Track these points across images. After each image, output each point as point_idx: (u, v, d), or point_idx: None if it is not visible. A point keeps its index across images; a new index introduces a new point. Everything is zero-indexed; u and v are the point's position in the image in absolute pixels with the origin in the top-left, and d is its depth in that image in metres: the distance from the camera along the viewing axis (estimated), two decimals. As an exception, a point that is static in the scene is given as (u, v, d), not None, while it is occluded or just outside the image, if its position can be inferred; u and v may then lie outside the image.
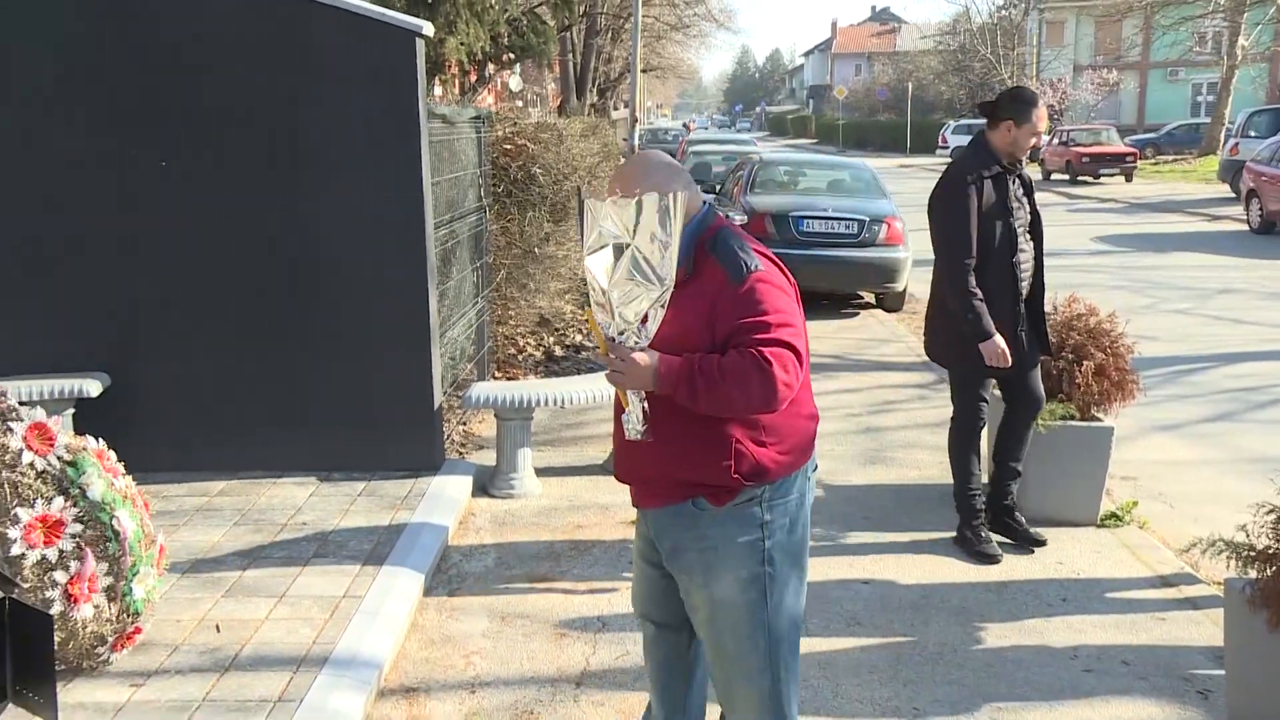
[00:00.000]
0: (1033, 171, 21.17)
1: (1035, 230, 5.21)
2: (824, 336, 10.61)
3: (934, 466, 6.57)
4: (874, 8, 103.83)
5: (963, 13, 55.73)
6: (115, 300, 5.82)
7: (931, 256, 5.25)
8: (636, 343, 2.74)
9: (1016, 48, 50.74)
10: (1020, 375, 5.25)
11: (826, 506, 5.96)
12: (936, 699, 4.00)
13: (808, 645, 4.35)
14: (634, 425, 2.78)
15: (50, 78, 5.66)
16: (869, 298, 12.56)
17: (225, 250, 5.81)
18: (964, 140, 42.61)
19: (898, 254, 11.53)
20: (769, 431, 2.83)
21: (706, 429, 2.79)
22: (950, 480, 5.49)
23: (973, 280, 5.01)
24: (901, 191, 16.37)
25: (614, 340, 2.75)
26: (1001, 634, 4.50)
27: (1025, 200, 5.18)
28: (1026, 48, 51.99)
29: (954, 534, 5.42)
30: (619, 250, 2.69)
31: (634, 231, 2.66)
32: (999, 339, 5.00)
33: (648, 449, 2.82)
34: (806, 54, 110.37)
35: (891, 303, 12.13)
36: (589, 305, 2.84)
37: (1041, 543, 5.33)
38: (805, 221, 11.58)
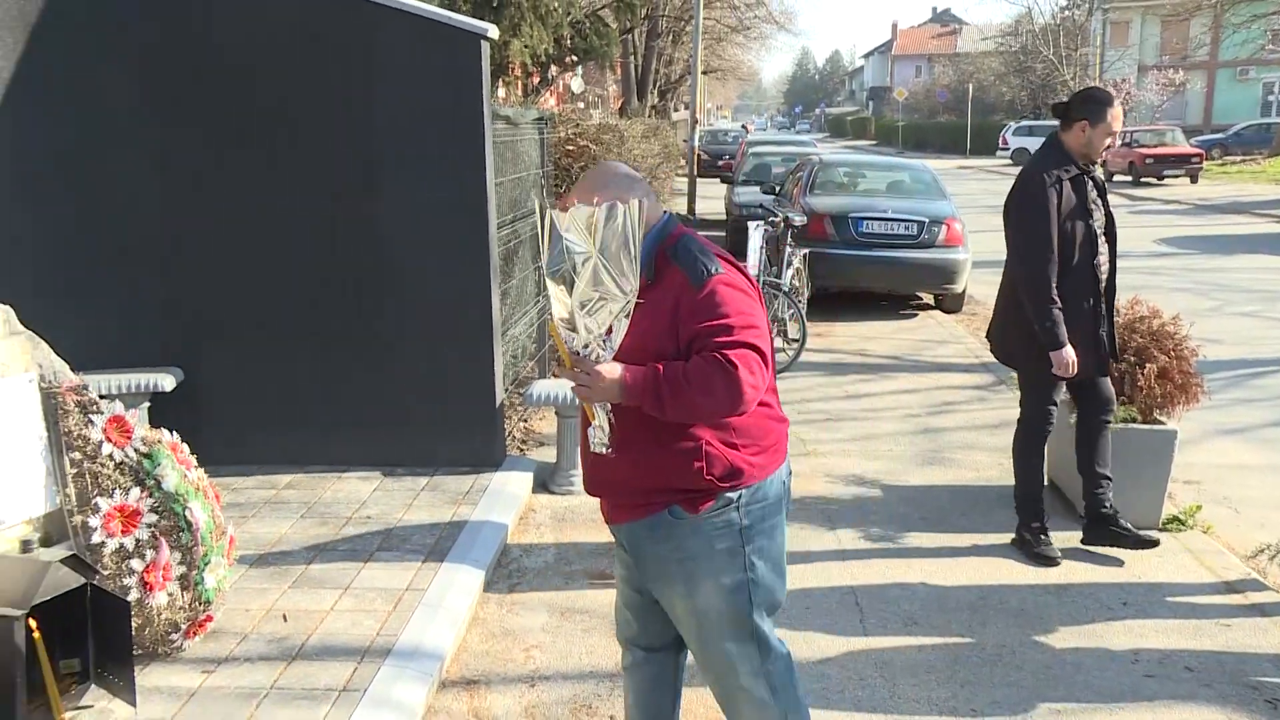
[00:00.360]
0: (1095, 173, 20.78)
1: (1110, 233, 5.13)
2: (881, 337, 10.54)
3: (992, 468, 6.51)
4: (935, 9, 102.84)
5: (1025, 14, 55.07)
6: (189, 298, 5.93)
7: (991, 258, 5.20)
8: (600, 355, 2.68)
9: (1079, 48, 50.03)
10: (1089, 379, 5.19)
11: (883, 507, 5.93)
12: (995, 700, 3.97)
13: (864, 644, 4.36)
14: (600, 438, 2.75)
15: (126, 84, 5.78)
16: (928, 299, 12.46)
17: (295, 250, 5.89)
18: (1024, 142, 42.38)
19: (957, 255, 11.43)
20: (740, 434, 2.79)
21: (675, 436, 2.75)
22: (1009, 482, 5.44)
23: (1053, 286, 4.93)
24: (961, 193, 16.23)
25: (578, 354, 2.69)
26: (1061, 637, 4.45)
27: (1100, 203, 5.10)
28: (1090, 48, 51.25)
29: (1012, 535, 5.36)
30: (582, 261, 2.61)
31: (596, 241, 2.59)
32: (1070, 350, 4.94)
33: (618, 461, 2.78)
34: (866, 56, 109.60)
35: (950, 304, 12.02)
36: (551, 318, 2.76)
37: (1155, 543, 5.17)
38: (864, 223, 11.51)
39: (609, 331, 2.66)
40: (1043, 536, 5.24)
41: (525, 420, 7.26)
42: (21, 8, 5.61)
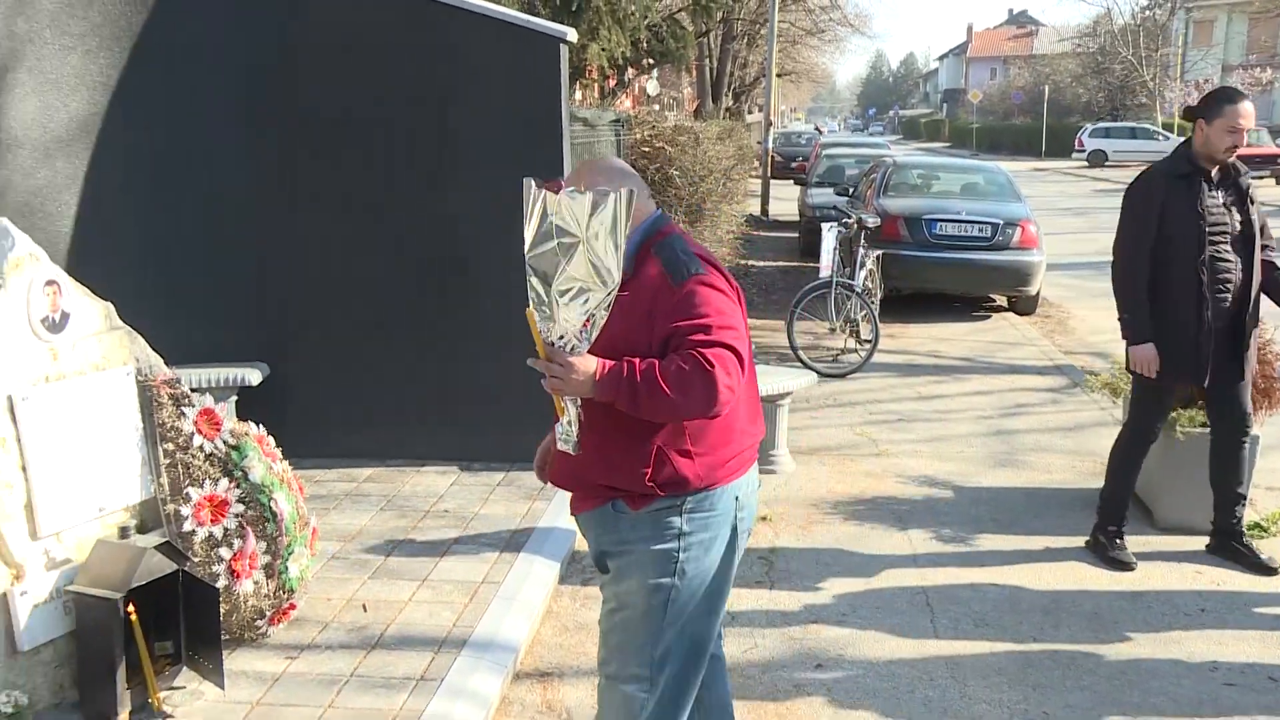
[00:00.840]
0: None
1: (1244, 239, 4.89)
2: (954, 339, 10.42)
3: (1066, 471, 6.40)
4: (1011, 11, 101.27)
5: (1104, 14, 53.89)
6: (276, 297, 6.05)
7: (1066, 260, 5.13)
8: (576, 347, 2.58)
9: (1160, 49, 48.92)
10: (1217, 390, 5.00)
11: (955, 508, 5.86)
12: (1068, 704, 3.90)
13: (934, 644, 4.32)
14: (567, 434, 2.68)
15: (219, 91, 5.90)
16: (1001, 301, 12.29)
17: (377, 248, 5.98)
18: (1100, 144, 41.69)
19: (1031, 257, 11.26)
20: (696, 441, 2.70)
21: (631, 436, 2.68)
22: (1083, 485, 5.35)
23: (1138, 282, 4.86)
24: (1036, 195, 15.97)
25: (553, 345, 2.61)
26: (1136, 643, 4.37)
27: (1234, 209, 4.88)
28: (1171, 48, 50.10)
29: (1086, 539, 5.27)
30: (567, 247, 2.52)
31: (585, 228, 2.49)
32: (1149, 348, 4.84)
33: (576, 455, 2.72)
34: (941, 58, 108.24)
35: (1024, 306, 11.85)
36: (529, 305, 2.65)
37: (1274, 571, 5.01)
38: (938, 224, 11.39)
39: (586, 323, 2.56)
40: (1118, 541, 5.14)
41: (599, 418, 7.28)
42: (127, 22, 5.75)
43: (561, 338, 2.59)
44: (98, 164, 5.75)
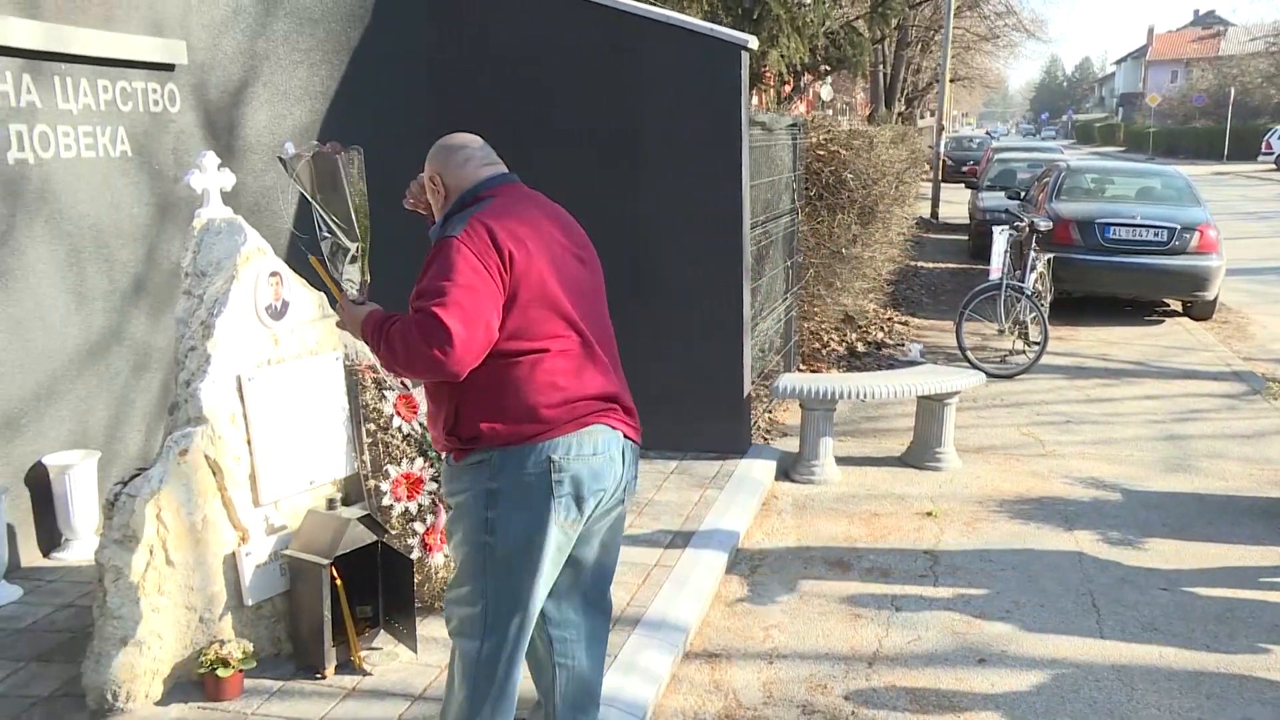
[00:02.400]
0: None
1: None
2: (1125, 342, 9.94)
3: (1243, 478, 6.03)
4: (1196, 12, 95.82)
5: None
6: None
7: (1247, 265, 4.81)
8: (353, 295, 2.83)
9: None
10: None
11: (1123, 510, 5.59)
12: (1246, 717, 3.67)
13: (1100, 645, 4.12)
14: None
15: (424, 98, 6.09)
16: (1175, 305, 11.68)
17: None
18: (1288, 146, 38.92)
19: (1210, 262, 10.65)
20: (496, 399, 2.62)
21: (435, 394, 2.72)
22: (1262, 493, 5.02)
23: None
24: (1216, 199, 15.10)
25: (342, 290, 2.86)
26: (1316, 657, 4.08)
27: None
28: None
29: (1271, 549, 4.95)
30: (317, 210, 2.78)
31: (318, 191, 2.74)
32: None
33: None
34: (1118, 61, 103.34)
35: (1200, 311, 11.22)
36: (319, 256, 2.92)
37: None
38: (1111, 228, 10.88)
39: (355, 276, 2.83)
40: None
41: (770, 411, 7.23)
42: (346, 38, 6.01)
43: (350, 282, 2.88)
44: (316, 166, 6.01)
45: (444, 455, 2.79)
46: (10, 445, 4.49)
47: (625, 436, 2.82)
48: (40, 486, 4.62)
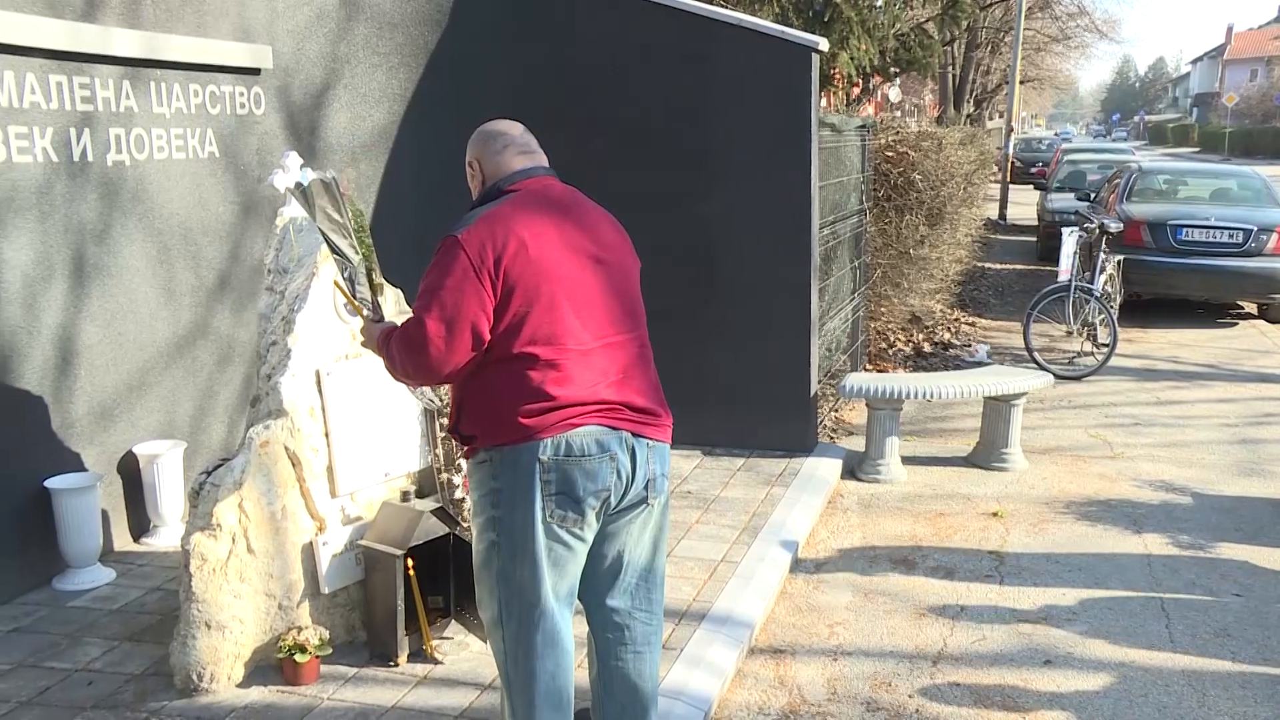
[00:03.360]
0: None
1: None
2: (1197, 345, 9.68)
3: (1320, 485, 5.84)
4: None
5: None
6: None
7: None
8: (367, 314, 2.92)
9: None
10: None
11: (1194, 514, 5.44)
12: (1316, 726, 3.55)
13: (1170, 650, 4.01)
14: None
15: (499, 98, 6.12)
16: (1249, 307, 11.35)
17: (639, 245, 6.04)
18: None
19: (1286, 264, 10.34)
20: (487, 399, 2.65)
21: (452, 393, 2.77)
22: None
23: None
24: (1294, 201, 14.59)
25: (360, 309, 2.95)
26: (1393, 667, 3.93)
27: None
28: None
29: None
30: (325, 232, 2.90)
31: (314, 215, 2.83)
32: None
33: None
34: (1194, 61, 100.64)
35: (1276, 314, 10.89)
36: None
37: None
38: (1184, 230, 10.60)
39: (364, 295, 2.94)
40: None
41: (836, 410, 7.16)
42: (424, 42, 6.06)
43: (364, 301, 2.97)
44: (393, 167, 6.07)
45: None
46: (105, 435, 4.60)
47: (636, 435, 2.74)
48: (131, 474, 4.73)
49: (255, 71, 5.24)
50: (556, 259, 2.65)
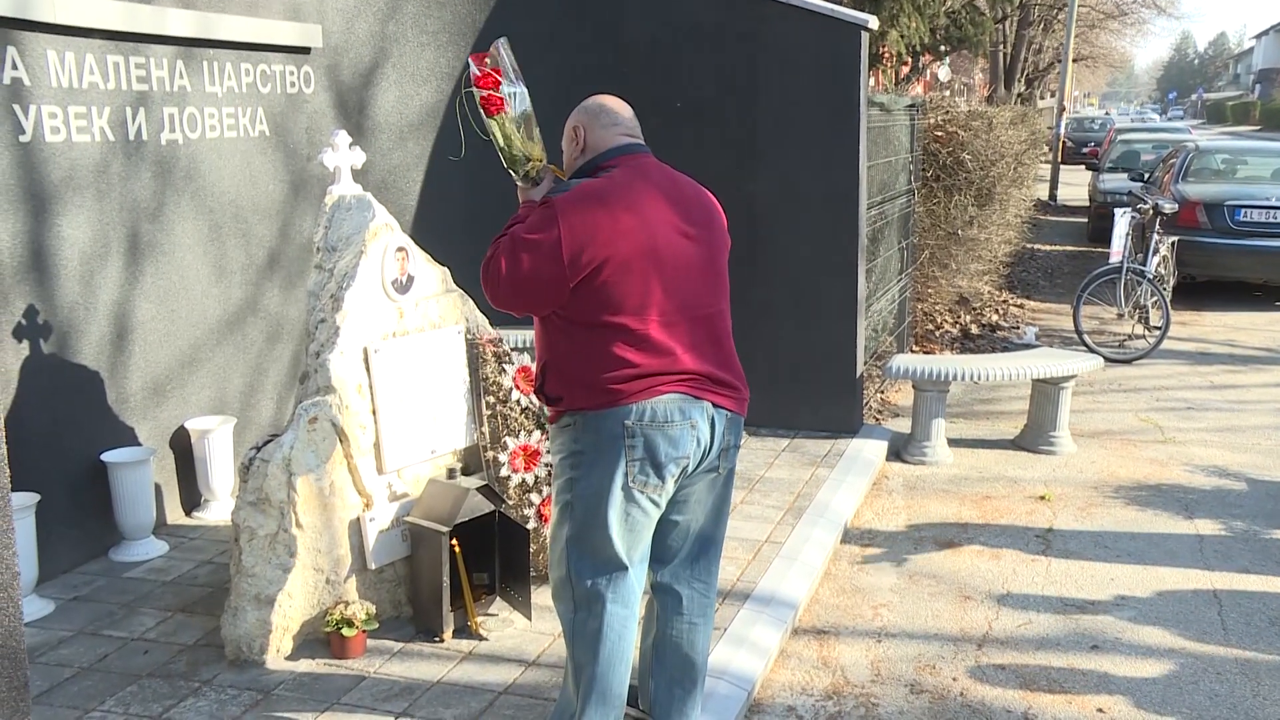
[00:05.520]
0: None
1: None
2: (1253, 329, 9.47)
3: (1378, 472, 5.70)
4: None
5: None
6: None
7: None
8: (521, 178, 2.98)
9: None
10: None
11: (1248, 500, 5.34)
12: (1371, 717, 3.47)
13: (1222, 639, 3.95)
14: None
15: (549, 76, 6.10)
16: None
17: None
18: None
19: (1350, 247, 10.08)
20: (574, 365, 2.72)
21: (538, 352, 2.84)
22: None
23: None
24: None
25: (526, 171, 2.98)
26: None
27: None
28: None
29: None
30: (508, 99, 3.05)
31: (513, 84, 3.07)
32: None
33: None
34: (1259, 35, 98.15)
35: (1337, 297, 10.65)
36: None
37: None
38: (1242, 210, 10.36)
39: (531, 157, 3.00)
40: None
41: (882, 391, 7.10)
42: (473, 20, 6.05)
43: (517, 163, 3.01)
44: (439, 146, 6.08)
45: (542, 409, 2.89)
46: (158, 410, 4.67)
47: (716, 405, 2.81)
48: (183, 449, 4.80)
49: (305, 50, 5.27)
50: (648, 234, 2.72)
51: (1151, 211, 9.27)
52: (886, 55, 11.70)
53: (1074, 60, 31.87)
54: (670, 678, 2.98)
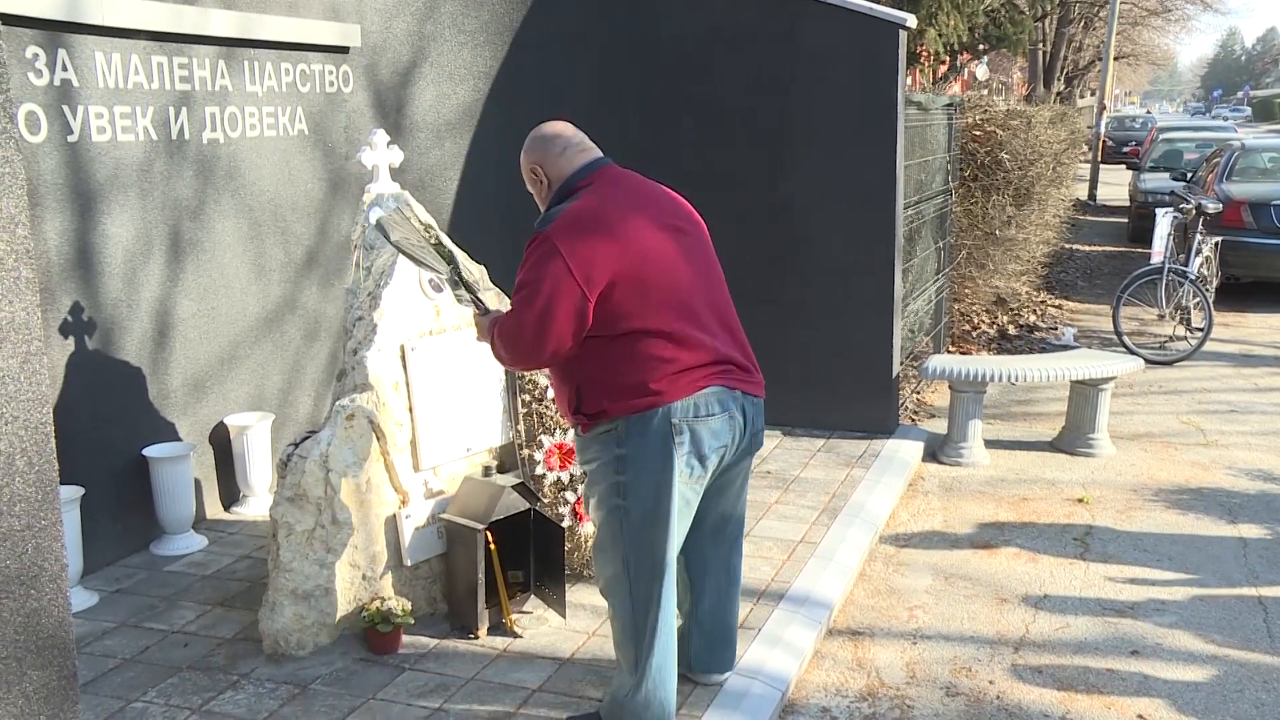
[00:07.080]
0: None
1: None
2: (1300, 331, 9.34)
3: None
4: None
5: None
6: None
7: None
8: (474, 310, 3.06)
9: None
10: None
11: (1278, 501, 5.27)
12: None
13: (1269, 647, 3.89)
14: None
15: (582, 75, 6.12)
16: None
17: (717, 224, 6.00)
18: None
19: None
20: (610, 373, 2.77)
21: (560, 375, 2.88)
22: None
23: None
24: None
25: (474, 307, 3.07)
26: None
27: None
28: None
29: None
30: (409, 255, 3.11)
31: (397, 246, 3.11)
32: None
33: None
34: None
35: (1385, 300, 10.47)
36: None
37: None
38: (1289, 211, 10.22)
39: (468, 296, 3.07)
40: None
41: (918, 392, 7.06)
42: (509, 19, 6.08)
43: (462, 299, 3.09)
44: (477, 144, 6.11)
45: (573, 428, 2.96)
46: (198, 406, 4.72)
47: (745, 393, 2.92)
48: (222, 445, 4.86)
49: (344, 50, 5.31)
50: (647, 237, 2.78)
51: (1194, 211, 9.15)
52: (924, 54, 11.63)
53: (1115, 58, 31.50)
54: (708, 638, 3.25)
